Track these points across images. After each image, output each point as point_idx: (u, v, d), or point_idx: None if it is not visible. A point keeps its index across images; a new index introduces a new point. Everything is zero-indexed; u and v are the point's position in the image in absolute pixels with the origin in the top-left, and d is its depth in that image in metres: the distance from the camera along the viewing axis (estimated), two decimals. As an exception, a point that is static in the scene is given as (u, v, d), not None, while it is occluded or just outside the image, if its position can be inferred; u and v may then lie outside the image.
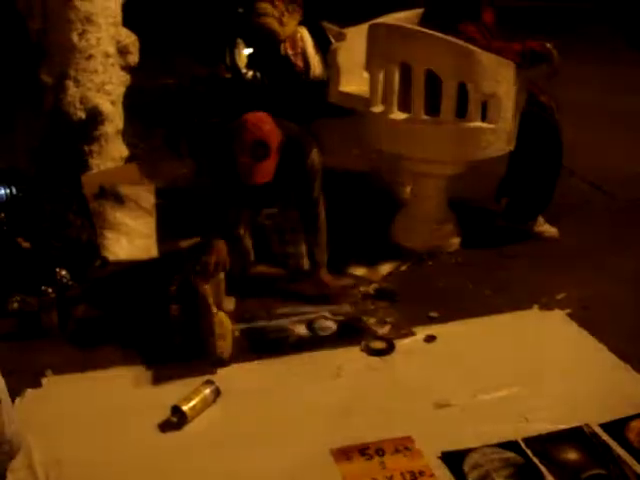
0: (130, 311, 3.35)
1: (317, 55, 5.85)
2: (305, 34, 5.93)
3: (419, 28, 3.74)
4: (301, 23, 5.89)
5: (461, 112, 3.61)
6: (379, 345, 3.15)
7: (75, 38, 4.01)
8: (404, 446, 2.55)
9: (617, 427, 2.65)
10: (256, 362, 3.04)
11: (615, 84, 7.39)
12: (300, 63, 5.81)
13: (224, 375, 2.91)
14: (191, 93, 6.13)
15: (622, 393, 2.86)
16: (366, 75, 3.99)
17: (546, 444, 2.57)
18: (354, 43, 4.31)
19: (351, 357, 3.08)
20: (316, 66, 5.85)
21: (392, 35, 3.68)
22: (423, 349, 3.15)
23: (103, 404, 2.77)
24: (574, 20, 10.46)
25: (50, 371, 2.93)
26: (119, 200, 3.96)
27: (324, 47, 5.34)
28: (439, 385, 2.89)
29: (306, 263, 3.64)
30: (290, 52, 5.75)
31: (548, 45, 3.62)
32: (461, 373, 2.98)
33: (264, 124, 3.20)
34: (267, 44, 5.69)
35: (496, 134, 3.67)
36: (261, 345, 3.15)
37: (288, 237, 3.69)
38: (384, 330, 3.26)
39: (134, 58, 4.28)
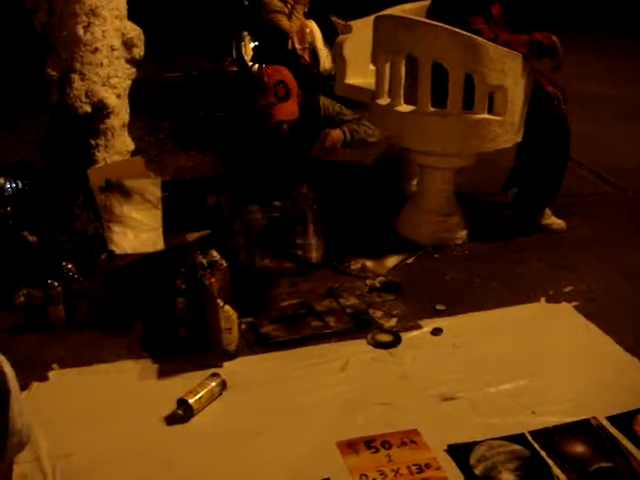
0: (136, 304, 3.35)
1: (326, 48, 5.84)
2: (314, 28, 5.92)
3: (425, 20, 3.73)
4: (310, 17, 5.88)
5: (468, 104, 3.60)
6: (386, 338, 3.14)
7: (80, 31, 4.00)
8: (410, 439, 2.55)
9: (625, 420, 2.64)
10: (262, 355, 3.03)
11: (621, 75, 7.37)
12: (307, 57, 5.80)
13: (230, 368, 2.91)
14: (197, 86, 6.13)
15: (629, 386, 2.84)
16: (372, 67, 3.98)
17: (553, 437, 2.56)
18: (360, 35, 4.31)
19: (357, 350, 3.07)
20: (325, 60, 5.84)
21: (398, 27, 3.67)
22: (430, 342, 3.14)
23: (109, 397, 2.77)
24: (579, 12, 10.43)
25: (57, 365, 2.94)
26: (125, 193, 3.96)
27: (333, 40, 5.33)
28: (445, 378, 2.88)
29: (315, 255, 3.64)
30: (298, 46, 5.74)
31: (554, 37, 3.61)
32: (467, 366, 2.97)
33: (282, 70, 3.63)
34: (275, 39, 5.68)
35: (503, 126, 3.66)
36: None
37: (297, 228, 3.69)
38: (391, 323, 3.26)
39: (140, 51, 4.28)
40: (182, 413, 2.65)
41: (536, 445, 2.52)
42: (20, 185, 3.86)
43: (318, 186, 3.68)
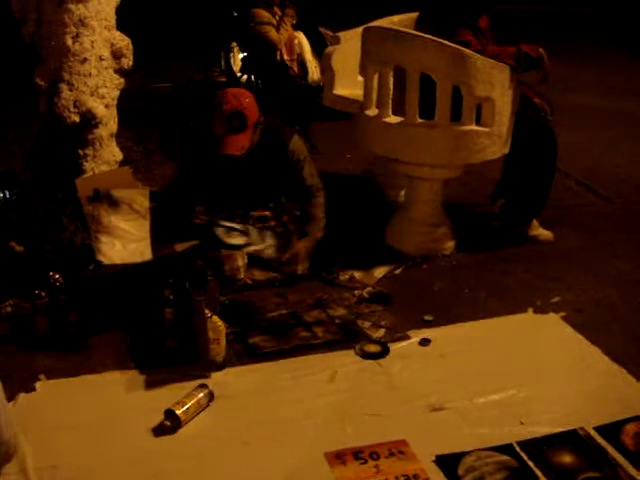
0: (124, 315, 3.34)
1: (314, 60, 5.86)
2: (303, 39, 5.94)
3: (414, 32, 3.74)
4: (298, 28, 5.90)
5: (455, 116, 3.61)
6: (374, 348, 3.14)
7: (69, 41, 4.00)
8: (398, 449, 2.54)
9: (612, 430, 2.64)
10: (250, 366, 3.02)
11: (612, 88, 7.43)
12: (295, 68, 5.82)
13: (218, 379, 2.90)
14: (186, 97, 6.13)
15: (617, 396, 2.85)
16: (360, 78, 3.99)
17: (541, 447, 2.56)
18: (348, 47, 4.33)
19: (346, 361, 3.07)
20: (314, 71, 5.87)
21: (387, 38, 3.68)
22: (418, 352, 3.14)
23: (97, 408, 2.75)
24: (572, 25, 10.51)
25: (44, 375, 2.92)
26: (113, 204, 3.96)
27: (321, 52, 5.35)
28: (434, 388, 2.88)
29: (301, 267, 3.63)
30: (286, 57, 5.76)
31: (541, 50, 3.64)
32: (456, 376, 2.97)
33: (244, 97, 3.37)
34: (264, 51, 5.69)
35: (490, 137, 3.68)
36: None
37: (281, 240, 3.69)
38: (379, 333, 3.26)
39: (128, 61, 4.28)
40: (170, 424, 2.63)
41: (524, 455, 2.52)
42: (7, 195, 3.84)
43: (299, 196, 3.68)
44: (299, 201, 3.61)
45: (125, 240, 3.91)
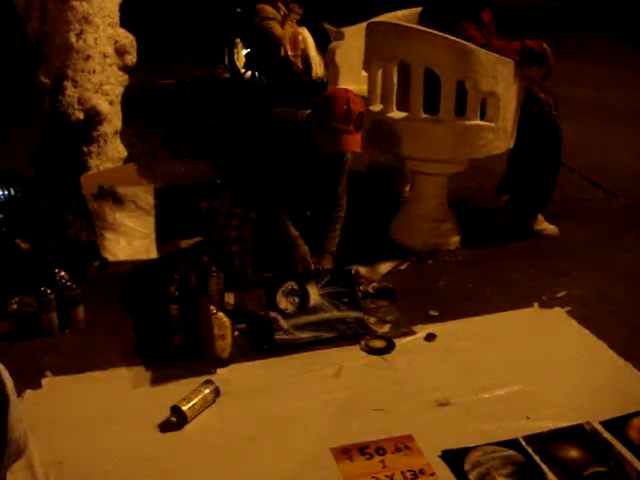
0: (129, 311, 3.35)
1: (318, 55, 5.85)
2: (307, 35, 5.93)
3: (418, 27, 3.74)
4: (302, 24, 5.89)
5: (460, 110, 3.61)
6: (379, 344, 3.14)
7: (73, 39, 4.01)
8: (404, 445, 2.55)
9: (618, 425, 2.64)
10: (256, 362, 3.03)
11: (614, 81, 7.40)
12: (299, 64, 5.81)
13: (224, 375, 2.90)
14: (190, 93, 6.13)
15: (623, 390, 2.86)
16: (365, 74, 3.99)
17: (547, 442, 2.56)
18: (352, 42, 4.32)
19: (351, 356, 3.07)
20: (317, 66, 5.85)
21: (390, 34, 3.68)
22: (423, 348, 3.14)
23: (103, 405, 2.76)
24: (573, 18, 10.48)
25: (50, 372, 2.92)
26: (118, 201, 3.96)
27: (325, 47, 5.35)
28: (439, 383, 2.88)
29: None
30: (290, 53, 5.75)
31: (544, 45, 3.63)
32: (461, 371, 2.97)
33: (359, 98, 3.36)
34: (268, 46, 5.69)
35: (495, 132, 3.67)
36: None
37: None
38: (384, 329, 3.26)
39: (132, 58, 4.28)
40: (176, 420, 2.64)
41: (530, 450, 2.52)
42: (13, 192, 3.85)
43: (311, 192, 3.66)
44: (326, 199, 3.59)
45: (130, 237, 3.92)
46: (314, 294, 3.29)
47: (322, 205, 3.60)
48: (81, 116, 4.09)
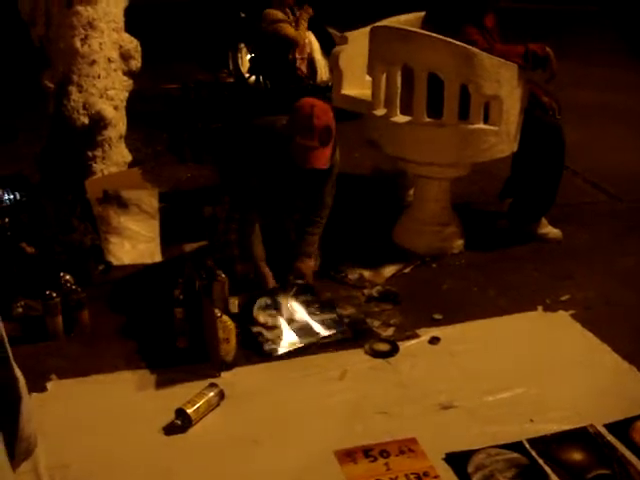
0: (134, 315, 3.36)
1: (324, 59, 5.88)
2: (312, 39, 5.96)
3: (421, 31, 3.75)
4: (307, 28, 5.92)
5: (463, 114, 3.62)
6: (383, 347, 3.15)
7: (78, 44, 4.02)
8: (408, 447, 2.55)
9: (622, 427, 2.65)
10: (259, 365, 3.03)
11: (617, 85, 7.41)
12: (304, 68, 5.84)
13: (228, 378, 2.91)
14: (194, 98, 6.15)
15: (626, 393, 2.86)
16: (368, 78, 4.00)
17: (551, 445, 2.56)
18: (356, 46, 4.34)
19: (355, 359, 3.07)
20: (323, 70, 5.88)
21: (394, 38, 3.69)
22: (427, 351, 3.14)
23: (108, 408, 2.76)
24: (578, 23, 10.49)
25: (55, 375, 2.93)
26: (122, 205, 3.97)
27: (330, 52, 5.38)
28: (443, 386, 2.88)
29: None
30: (298, 56, 5.77)
31: (547, 49, 3.64)
32: (465, 374, 2.97)
33: (328, 111, 3.27)
34: (280, 49, 5.70)
35: (498, 136, 3.68)
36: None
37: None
38: (388, 332, 3.26)
39: (137, 63, 4.29)
40: (180, 423, 2.64)
41: (534, 453, 2.52)
42: (18, 197, 3.87)
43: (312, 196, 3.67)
44: (309, 200, 3.59)
45: (135, 241, 3.93)
46: (287, 304, 3.34)
47: (307, 210, 3.60)
48: (86, 121, 4.10)
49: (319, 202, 3.57)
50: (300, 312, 3.31)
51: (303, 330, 3.22)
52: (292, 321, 3.26)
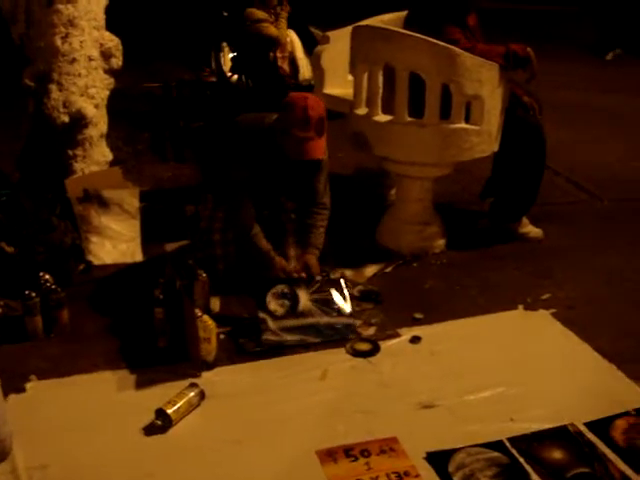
0: (114, 315, 3.34)
1: (305, 58, 5.88)
2: (294, 37, 5.96)
3: (403, 30, 3.75)
4: (289, 27, 5.92)
5: (445, 114, 3.62)
6: (364, 346, 3.15)
7: (58, 42, 3.99)
8: (389, 447, 2.55)
9: (602, 426, 2.66)
10: (241, 365, 3.03)
11: (598, 85, 7.45)
12: (286, 66, 5.83)
13: (209, 378, 2.90)
14: (176, 97, 6.13)
15: (607, 392, 2.87)
16: (350, 78, 4.00)
17: (531, 443, 2.57)
18: (338, 46, 4.34)
19: (336, 359, 3.07)
20: (305, 69, 5.88)
21: (376, 37, 3.69)
22: (408, 350, 3.15)
23: (87, 408, 2.75)
24: (559, 23, 10.54)
25: (34, 376, 2.91)
26: (103, 204, 3.95)
27: (312, 50, 5.38)
28: (424, 386, 2.89)
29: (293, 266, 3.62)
30: (279, 55, 5.77)
31: (528, 49, 3.66)
32: (446, 374, 2.98)
33: (321, 103, 3.32)
34: (262, 48, 5.70)
35: (480, 135, 3.69)
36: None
37: (276, 240, 3.67)
38: (369, 331, 3.26)
39: (118, 62, 4.26)
40: (161, 423, 2.63)
41: (514, 452, 2.53)
42: (-3, 196, 3.84)
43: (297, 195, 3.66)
44: (307, 199, 3.59)
45: (115, 240, 3.91)
46: (304, 299, 3.31)
47: (304, 204, 3.59)
48: (66, 119, 4.07)
49: (315, 195, 3.56)
50: (314, 310, 3.29)
51: (308, 329, 3.22)
52: (302, 316, 3.25)
